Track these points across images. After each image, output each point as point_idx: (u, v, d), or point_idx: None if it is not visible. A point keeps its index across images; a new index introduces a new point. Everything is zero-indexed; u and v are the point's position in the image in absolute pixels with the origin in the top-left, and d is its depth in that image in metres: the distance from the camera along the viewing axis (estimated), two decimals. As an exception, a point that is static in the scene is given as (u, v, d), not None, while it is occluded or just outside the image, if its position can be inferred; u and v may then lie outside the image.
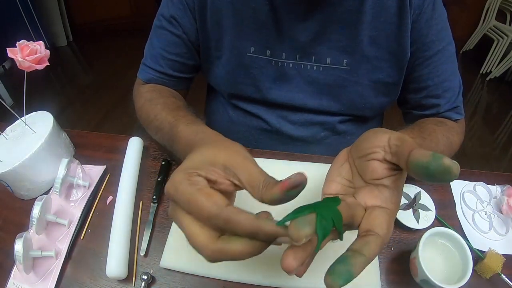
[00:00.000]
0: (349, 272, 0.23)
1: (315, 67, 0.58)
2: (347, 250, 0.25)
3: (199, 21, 0.59)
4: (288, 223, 0.24)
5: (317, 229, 0.24)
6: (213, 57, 0.63)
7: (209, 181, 0.29)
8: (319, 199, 0.33)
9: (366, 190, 0.30)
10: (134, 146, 0.63)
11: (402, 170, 0.29)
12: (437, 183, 0.25)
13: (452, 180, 0.24)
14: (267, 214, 0.29)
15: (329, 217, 0.25)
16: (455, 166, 0.24)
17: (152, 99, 0.60)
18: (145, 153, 0.65)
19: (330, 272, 0.24)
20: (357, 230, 0.29)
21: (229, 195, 0.31)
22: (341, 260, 0.24)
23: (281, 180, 0.27)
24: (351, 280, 0.23)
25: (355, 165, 0.33)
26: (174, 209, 0.29)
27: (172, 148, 0.49)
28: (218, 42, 0.60)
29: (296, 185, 0.26)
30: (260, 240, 0.26)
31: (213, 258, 0.26)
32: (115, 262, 0.48)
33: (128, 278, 0.49)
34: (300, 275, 0.28)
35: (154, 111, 0.56)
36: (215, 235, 0.27)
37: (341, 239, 0.26)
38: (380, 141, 0.30)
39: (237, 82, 0.63)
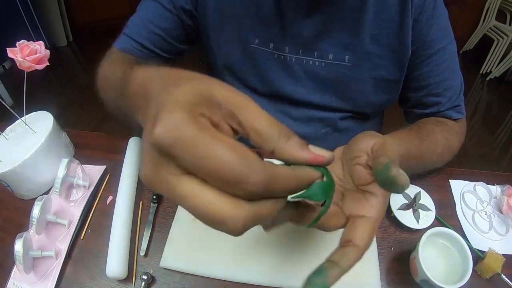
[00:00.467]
0: (324, 284, 0.24)
1: (317, 62, 0.59)
2: (325, 260, 0.26)
3: (200, 5, 0.58)
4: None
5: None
6: (211, 45, 0.62)
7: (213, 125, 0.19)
8: None
9: (353, 198, 0.31)
10: (134, 146, 0.63)
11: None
12: (393, 192, 0.25)
13: (399, 192, 0.25)
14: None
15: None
16: (401, 177, 0.24)
17: (112, 61, 0.54)
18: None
19: (307, 282, 0.24)
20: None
21: None
22: (318, 271, 0.25)
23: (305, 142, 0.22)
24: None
25: (346, 166, 0.33)
26: (166, 170, 0.18)
27: (121, 98, 0.33)
28: (219, 32, 0.60)
29: (328, 162, 0.22)
30: (296, 186, 0.20)
31: (244, 228, 0.18)
32: (115, 262, 0.48)
33: (128, 278, 0.49)
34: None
35: (110, 69, 0.50)
36: (237, 198, 0.18)
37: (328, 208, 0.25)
38: (366, 146, 0.31)
39: (241, 71, 0.63)
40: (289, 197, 0.22)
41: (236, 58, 0.62)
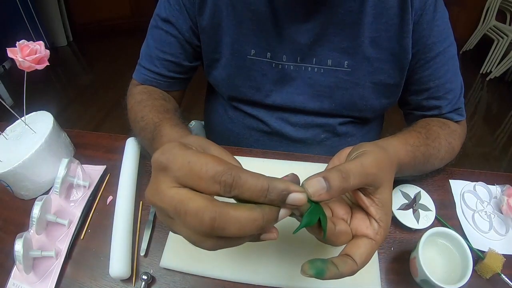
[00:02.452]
0: (323, 270, 0.28)
1: (316, 69, 0.58)
2: (329, 259, 0.30)
3: (198, 22, 0.58)
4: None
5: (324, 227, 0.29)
6: (212, 59, 0.63)
7: None
8: None
9: (360, 217, 0.33)
10: (132, 147, 0.63)
11: (379, 192, 0.32)
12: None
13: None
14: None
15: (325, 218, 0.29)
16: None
17: (142, 101, 0.59)
18: (145, 153, 0.65)
19: (310, 261, 0.28)
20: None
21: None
22: (323, 260, 0.29)
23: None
24: (320, 276, 0.28)
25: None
26: (164, 183, 0.24)
27: (151, 148, 0.49)
28: (217, 45, 0.60)
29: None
30: (271, 200, 0.23)
31: (213, 226, 0.22)
32: (118, 262, 0.48)
33: (128, 278, 0.49)
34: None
35: (141, 112, 0.56)
36: (213, 199, 0.23)
37: (324, 237, 0.30)
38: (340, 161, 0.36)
39: (237, 85, 0.63)
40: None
41: (232, 71, 0.61)
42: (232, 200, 0.24)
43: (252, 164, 0.60)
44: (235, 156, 0.30)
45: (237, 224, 0.22)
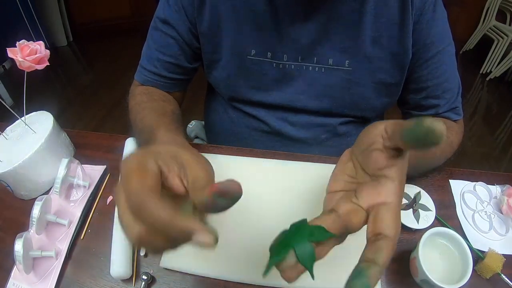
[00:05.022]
0: (367, 285, 0.23)
1: (317, 68, 0.58)
2: (360, 261, 0.25)
3: (198, 24, 0.58)
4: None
5: (304, 264, 0.24)
6: (212, 60, 0.63)
7: (162, 173, 0.28)
8: (320, 198, 0.33)
9: (368, 187, 0.29)
10: (132, 147, 0.63)
11: (403, 158, 0.29)
12: (426, 147, 0.23)
13: (438, 142, 0.23)
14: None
15: (308, 249, 0.25)
16: (438, 125, 0.22)
17: (141, 102, 0.60)
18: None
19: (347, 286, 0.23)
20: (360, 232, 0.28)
21: (179, 200, 0.30)
22: (356, 274, 0.24)
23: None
24: None
25: (358, 161, 0.32)
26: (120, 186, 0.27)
27: (143, 144, 0.49)
28: (217, 46, 0.60)
29: (225, 192, 0.25)
30: (173, 237, 0.24)
31: (137, 238, 0.25)
32: (118, 262, 0.48)
33: (128, 278, 0.49)
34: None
35: (140, 114, 0.57)
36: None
37: (313, 278, 0.25)
38: (378, 131, 0.30)
39: (237, 85, 0.63)
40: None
41: (232, 71, 0.61)
42: None
43: (252, 164, 0.61)
44: (235, 156, 0.30)
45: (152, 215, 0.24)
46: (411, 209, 0.55)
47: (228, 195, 0.25)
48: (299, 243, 0.24)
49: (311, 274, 0.24)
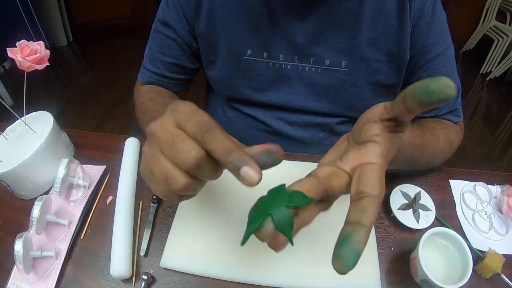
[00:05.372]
0: (356, 251, 0.22)
1: (313, 68, 0.58)
2: (346, 224, 0.24)
3: (195, 25, 0.59)
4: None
5: (282, 231, 0.23)
6: (209, 61, 0.64)
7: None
8: None
9: (353, 150, 0.29)
10: (131, 147, 0.63)
11: (396, 134, 0.29)
12: (436, 104, 0.22)
13: (453, 95, 0.22)
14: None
15: (286, 215, 0.24)
16: (452, 82, 0.23)
17: (153, 98, 0.62)
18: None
19: (337, 257, 0.22)
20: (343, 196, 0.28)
21: None
22: (343, 240, 0.23)
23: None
24: (359, 258, 0.22)
25: (352, 137, 0.32)
26: (150, 147, 0.28)
27: None
28: (213, 47, 0.61)
29: (273, 151, 0.26)
30: (229, 162, 0.25)
31: (196, 162, 0.25)
32: (118, 262, 0.48)
33: (128, 278, 0.49)
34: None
35: (153, 107, 0.59)
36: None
37: (292, 244, 0.25)
38: (377, 108, 0.30)
39: (234, 85, 0.63)
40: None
41: (229, 72, 0.62)
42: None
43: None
44: None
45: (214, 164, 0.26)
46: (411, 209, 0.55)
47: (273, 155, 0.26)
48: (276, 209, 0.24)
49: (290, 241, 0.23)
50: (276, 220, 0.23)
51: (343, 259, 0.22)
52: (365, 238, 0.23)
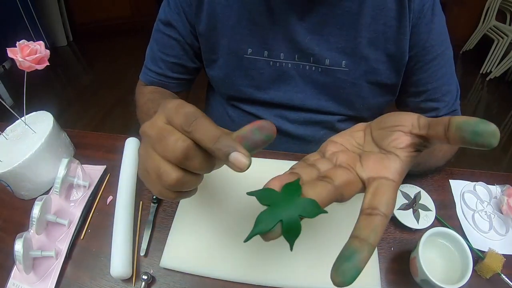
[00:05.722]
0: (358, 269, 0.22)
1: (313, 67, 0.59)
2: (353, 238, 0.23)
3: (196, 25, 0.59)
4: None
5: (287, 239, 0.23)
6: (210, 60, 0.64)
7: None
8: None
9: (376, 157, 0.28)
10: (131, 147, 0.63)
11: (418, 154, 0.28)
12: (475, 146, 0.22)
13: (495, 145, 0.23)
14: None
15: (296, 224, 0.24)
16: (498, 132, 0.23)
17: (155, 100, 0.62)
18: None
19: (339, 272, 0.22)
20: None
21: None
22: (349, 257, 0.22)
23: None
24: (359, 274, 0.22)
25: (372, 135, 0.31)
26: (145, 146, 0.29)
27: None
28: (214, 46, 0.61)
29: (263, 127, 0.27)
30: (217, 149, 0.25)
31: (184, 153, 0.26)
32: (119, 262, 0.48)
33: (128, 278, 0.49)
34: None
35: (155, 108, 0.58)
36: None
37: (291, 250, 0.24)
38: (409, 117, 0.29)
39: (235, 84, 0.63)
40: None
41: (229, 70, 0.62)
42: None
43: (252, 164, 0.60)
44: None
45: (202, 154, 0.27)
46: (411, 209, 0.55)
47: (264, 130, 0.27)
48: (289, 216, 0.23)
49: (290, 248, 0.23)
50: (285, 228, 0.23)
51: (345, 276, 0.22)
52: (369, 257, 0.23)
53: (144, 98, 0.64)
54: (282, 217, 0.23)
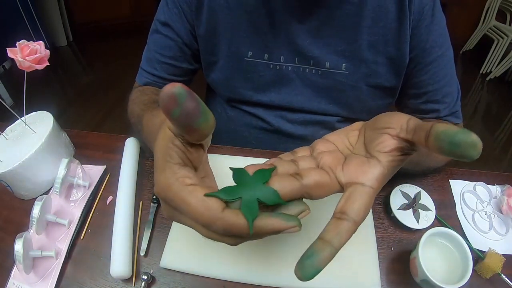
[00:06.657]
0: (317, 268, 0.24)
1: (313, 70, 0.58)
2: (319, 238, 0.25)
3: (196, 26, 0.59)
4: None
5: (245, 216, 0.24)
6: (209, 62, 0.64)
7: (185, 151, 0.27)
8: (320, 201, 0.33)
9: (356, 162, 0.28)
10: (130, 147, 0.63)
11: (405, 157, 0.28)
12: (454, 156, 0.22)
13: (475, 157, 0.22)
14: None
15: (254, 206, 0.25)
16: (480, 143, 0.22)
17: (134, 99, 0.61)
18: (144, 153, 0.65)
19: (300, 266, 0.24)
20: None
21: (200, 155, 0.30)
22: (310, 255, 0.24)
23: None
24: (319, 272, 0.24)
25: (364, 136, 0.32)
26: (169, 211, 0.27)
27: (141, 138, 0.51)
28: (214, 48, 0.61)
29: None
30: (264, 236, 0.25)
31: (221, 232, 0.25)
32: (119, 262, 0.48)
33: (128, 278, 0.49)
34: None
35: (131, 109, 0.59)
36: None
37: (251, 232, 0.24)
38: (400, 119, 0.29)
39: (235, 86, 0.63)
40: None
41: (229, 73, 0.62)
42: None
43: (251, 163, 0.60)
44: (235, 156, 0.30)
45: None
46: (411, 209, 0.55)
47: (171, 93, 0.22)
48: (249, 196, 0.25)
49: (250, 228, 0.24)
50: (243, 206, 0.25)
51: (305, 272, 0.24)
52: (330, 258, 0.24)
53: (129, 100, 0.63)
54: (242, 195, 0.25)
